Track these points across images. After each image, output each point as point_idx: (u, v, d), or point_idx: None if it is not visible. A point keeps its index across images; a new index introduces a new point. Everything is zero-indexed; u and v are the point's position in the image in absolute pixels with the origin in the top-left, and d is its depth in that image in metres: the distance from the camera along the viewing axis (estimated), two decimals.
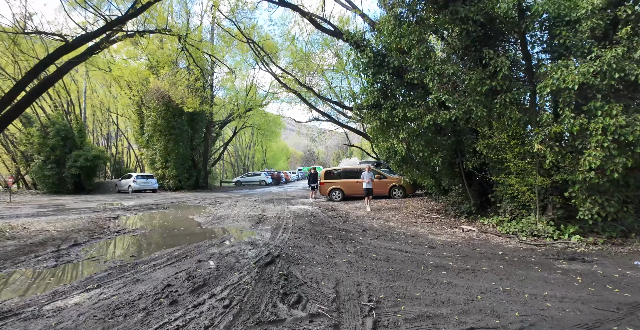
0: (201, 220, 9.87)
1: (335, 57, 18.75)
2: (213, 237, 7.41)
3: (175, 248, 6.37)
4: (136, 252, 6.26)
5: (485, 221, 8.49)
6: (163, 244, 6.89)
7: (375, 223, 8.83)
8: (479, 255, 5.54)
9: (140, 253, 6.18)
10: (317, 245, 6.28)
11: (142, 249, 6.62)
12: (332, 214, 10.60)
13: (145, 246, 6.85)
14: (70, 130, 23.66)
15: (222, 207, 13.05)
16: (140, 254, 6.13)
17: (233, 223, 9.26)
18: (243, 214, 10.82)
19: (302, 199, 16.09)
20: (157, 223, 9.65)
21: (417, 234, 7.29)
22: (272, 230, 7.91)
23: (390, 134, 9.61)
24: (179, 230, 8.34)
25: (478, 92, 7.15)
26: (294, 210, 11.77)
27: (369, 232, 7.44)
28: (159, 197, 18.65)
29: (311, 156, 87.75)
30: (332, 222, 9.01)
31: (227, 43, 22.21)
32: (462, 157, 9.47)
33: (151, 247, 6.68)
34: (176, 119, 23.20)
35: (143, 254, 6.11)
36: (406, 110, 8.63)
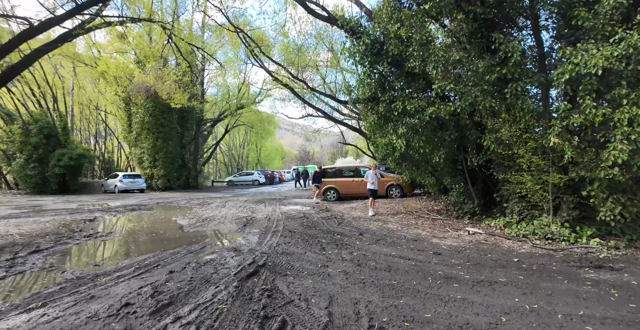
0: (184, 222, 9.10)
1: (330, 52, 18.07)
2: (193, 242, 6.66)
3: (148, 256, 5.62)
4: (102, 261, 5.50)
5: (492, 222, 7.85)
6: (135, 251, 6.13)
7: (373, 225, 8.14)
8: (492, 263, 4.86)
9: (107, 262, 5.42)
10: (308, 251, 5.56)
11: (110, 256, 5.86)
12: (327, 215, 9.90)
13: (115, 253, 6.08)
14: (54, 128, 22.66)
15: (209, 208, 12.28)
16: (106, 262, 5.37)
17: (218, 226, 8.51)
18: (231, 216, 10.07)
19: (296, 199, 15.36)
20: (135, 226, 8.87)
21: (419, 238, 6.60)
22: (260, 234, 7.19)
23: (389, 129, 8.93)
24: (157, 234, 7.58)
25: (486, 81, 6.50)
26: (286, 211, 11.04)
27: (366, 236, 6.74)
28: (146, 197, 17.81)
29: (306, 156, 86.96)
30: (326, 224, 8.31)
31: (217, 36, 21.43)
32: (465, 154, 8.83)
33: (121, 255, 5.91)
34: (165, 116, 22.33)
35: (109, 262, 5.35)
36: (406, 103, 7.96)
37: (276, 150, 75.04)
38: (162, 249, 6.13)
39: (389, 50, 7.80)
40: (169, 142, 23.08)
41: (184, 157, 24.97)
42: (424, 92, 8.30)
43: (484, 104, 6.49)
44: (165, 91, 15.62)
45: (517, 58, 6.06)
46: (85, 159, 23.04)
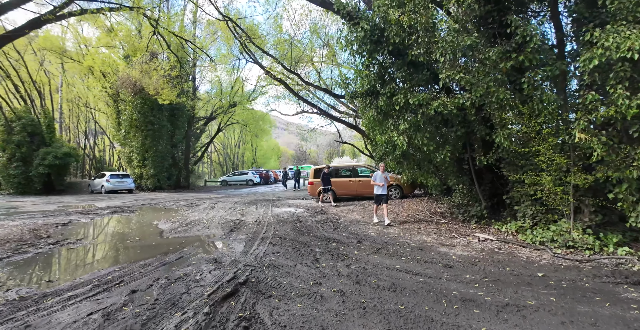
0: (166, 227, 8.32)
1: (325, 47, 17.31)
2: (170, 251, 5.89)
3: (113, 268, 4.85)
4: (58, 275, 4.72)
5: (502, 227, 7.16)
6: (101, 262, 5.36)
7: (372, 230, 7.41)
8: (514, 279, 4.15)
9: (63, 276, 4.64)
10: (299, 263, 4.82)
11: (70, 269, 5.08)
12: (322, 218, 9.16)
13: (76, 265, 5.30)
14: (38, 126, 21.74)
15: (197, 210, 11.49)
16: (62, 277, 4.59)
17: (203, 231, 7.74)
18: (218, 219, 9.30)
19: (290, 200, 14.61)
20: (111, 231, 8.09)
21: (424, 246, 5.88)
22: (246, 241, 6.43)
23: (389, 126, 8.20)
24: (132, 241, 6.80)
25: (499, 69, 5.78)
26: (278, 213, 10.29)
27: (365, 244, 6.01)
28: (133, 198, 16.96)
29: (303, 155, 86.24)
30: (320, 229, 7.57)
31: (209, 30, 20.60)
32: (472, 152, 8.13)
33: (83, 267, 5.14)
34: (154, 114, 21.44)
35: (66, 277, 4.57)
36: (408, 97, 7.23)
37: (272, 149, 74.20)
38: (133, 259, 5.37)
39: (389, 38, 7.07)
40: (159, 140, 22.20)
41: (175, 156, 24.12)
42: (428, 85, 7.59)
43: (497, 95, 5.78)
44: (152, 86, 14.78)
45: (536, 43, 5.36)
46: (71, 158, 22.14)
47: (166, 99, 16.01)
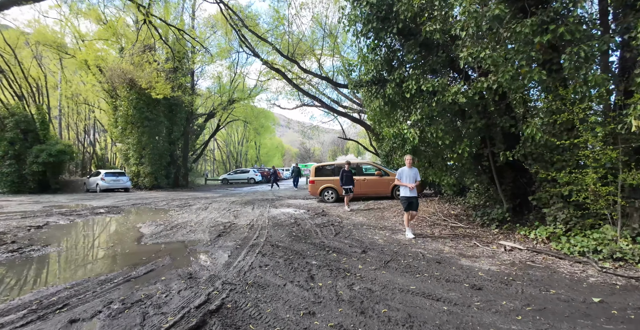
0: (148, 231, 7.47)
1: (327, 39, 16.31)
2: (141, 262, 5.01)
3: (64, 286, 3.98)
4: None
5: (529, 233, 6.19)
6: (54, 276, 4.50)
7: (379, 236, 6.47)
8: (564, 307, 3.20)
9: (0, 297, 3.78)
10: (290, 282, 3.91)
11: (14, 285, 4.21)
12: (322, 221, 8.24)
13: (25, 280, 4.43)
14: (32, 122, 21.06)
15: (188, 211, 10.64)
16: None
17: (187, 236, 6.87)
18: (208, 222, 8.43)
19: (289, 199, 13.71)
20: (86, 235, 7.25)
21: (443, 258, 4.93)
22: (233, 249, 5.54)
23: (398, 117, 7.28)
24: (104, 249, 5.95)
25: (533, 45, 4.81)
26: (275, 215, 9.40)
27: (371, 254, 5.08)
28: (126, 197, 16.18)
29: (306, 153, 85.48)
30: (320, 234, 6.65)
31: (207, 22, 19.71)
32: (492, 147, 7.16)
33: (30, 283, 4.27)
34: (150, 109, 20.63)
35: (1, 298, 3.71)
36: (421, 83, 6.28)
37: (276, 147, 73.51)
38: (94, 273, 4.50)
39: (399, 13, 6.11)
40: (156, 137, 21.43)
41: (173, 154, 23.33)
42: (443, 69, 6.63)
43: (530, 76, 4.81)
44: (144, 79, 13.93)
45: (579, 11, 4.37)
46: (66, 155, 21.40)
47: (160, 93, 15.20)
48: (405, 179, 6.43)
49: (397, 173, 6.56)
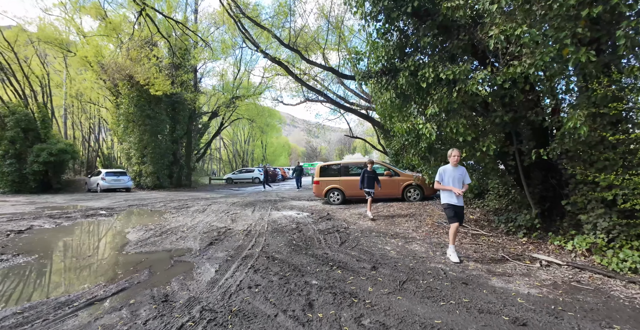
0: (135, 237, 6.80)
1: (332, 30, 15.50)
2: (114, 278, 4.32)
3: (13, 310, 3.31)
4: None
5: (565, 244, 5.35)
6: (8, 296, 3.81)
7: (391, 246, 5.68)
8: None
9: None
10: (283, 311, 3.15)
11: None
12: (326, 226, 7.48)
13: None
14: (33, 121, 20.69)
15: (185, 213, 9.98)
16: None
17: (175, 244, 6.17)
18: (202, 226, 7.74)
19: (293, 201, 12.98)
20: (67, 242, 6.60)
21: (469, 276, 4.13)
22: (222, 262, 4.82)
23: (411, 111, 6.48)
24: (79, 259, 5.29)
25: (579, 20, 3.97)
26: (276, 219, 8.67)
27: (383, 272, 4.29)
28: (124, 198, 15.63)
29: (313, 152, 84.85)
30: (323, 243, 5.89)
31: (211, 17, 19.04)
32: (519, 144, 6.30)
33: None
34: (152, 107, 20.09)
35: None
36: (439, 70, 5.47)
37: (283, 146, 73.05)
38: (55, 292, 3.82)
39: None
40: (158, 136, 20.90)
41: (176, 153, 22.79)
42: (464, 55, 5.80)
43: (576, 58, 3.97)
44: (141, 75, 13.31)
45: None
46: (67, 154, 20.99)
47: (159, 90, 14.57)
48: (450, 181, 4.88)
49: (438, 173, 5.02)
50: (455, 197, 4.83)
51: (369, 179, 8.59)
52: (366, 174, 8.61)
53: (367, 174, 8.60)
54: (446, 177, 4.99)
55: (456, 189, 4.79)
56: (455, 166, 4.98)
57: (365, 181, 8.58)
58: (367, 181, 8.58)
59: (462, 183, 4.99)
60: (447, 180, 4.96)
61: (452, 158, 4.94)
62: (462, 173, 5.01)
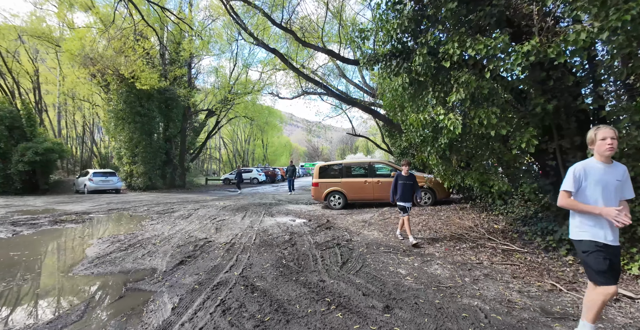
0: (94, 252, 5.66)
1: (338, 25, 14.31)
2: (34, 316, 3.17)
3: None
4: None
5: (630, 267, 4.18)
6: None
7: (405, 269, 4.49)
8: None
9: None
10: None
11: None
12: (325, 237, 6.31)
13: None
14: (18, 118, 19.61)
15: (166, 219, 8.84)
16: None
17: (139, 261, 5.03)
18: (180, 237, 6.59)
19: (290, 205, 11.82)
20: (11, 258, 5.46)
21: (521, 321, 2.95)
22: (186, 293, 3.66)
23: (428, 99, 5.30)
24: (11, 284, 4.14)
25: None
26: (267, 227, 7.52)
27: (400, 315, 3.11)
28: (107, 200, 14.51)
29: (314, 152, 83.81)
30: (320, 263, 4.72)
31: (208, 12, 17.85)
32: (560, 139, 5.12)
33: None
34: (142, 104, 18.98)
35: None
36: (468, 45, 4.31)
37: (284, 146, 72.07)
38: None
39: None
40: (150, 134, 19.79)
41: (169, 152, 21.66)
42: (497, 27, 4.62)
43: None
44: (124, 66, 12.18)
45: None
46: (54, 154, 19.89)
47: (146, 84, 13.43)
48: (597, 194, 2.52)
49: (572, 176, 2.56)
50: (609, 229, 2.47)
51: (405, 187, 5.97)
52: (400, 179, 6.04)
53: (403, 179, 6.02)
54: (591, 185, 2.54)
55: (610, 212, 2.40)
56: (609, 164, 2.53)
57: (399, 190, 6.01)
58: (402, 190, 5.97)
59: (621, 197, 2.56)
60: (593, 192, 2.53)
61: (605, 149, 2.47)
62: (621, 176, 2.53)
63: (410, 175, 6.04)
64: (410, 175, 6.03)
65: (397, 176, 6.14)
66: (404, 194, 5.96)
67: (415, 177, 6.09)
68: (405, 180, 6.00)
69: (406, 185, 5.98)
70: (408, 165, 6.08)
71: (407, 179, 6.01)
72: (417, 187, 6.07)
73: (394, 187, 6.12)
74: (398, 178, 6.09)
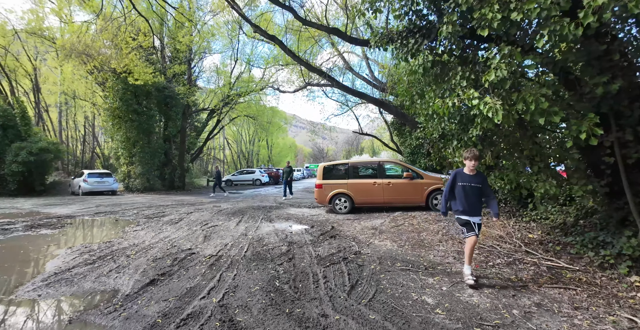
0: (57, 264, 4.79)
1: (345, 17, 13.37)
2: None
3: None
4: None
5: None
6: None
7: (432, 296, 3.49)
8: None
9: None
10: None
11: None
12: (329, 249, 5.35)
13: None
14: (12, 117, 18.97)
15: (153, 225, 7.96)
16: None
17: (104, 279, 4.12)
18: (160, 247, 5.68)
19: (292, 208, 10.89)
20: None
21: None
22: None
23: (457, 80, 4.31)
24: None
25: None
26: (263, 234, 6.58)
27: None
28: (100, 202, 13.69)
29: (320, 153, 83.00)
30: (322, 285, 3.76)
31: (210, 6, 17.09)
32: (621, 132, 4.11)
33: None
34: (139, 101, 18.22)
35: None
36: (512, 6, 3.35)
37: (289, 147, 71.42)
38: None
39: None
40: (147, 133, 19.01)
41: (168, 153, 20.87)
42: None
43: None
44: (119, 60, 11.37)
45: None
46: (50, 154, 19.20)
47: (139, 79, 12.61)
48: None
49: None
50: None
51: (470, 192, 3.91)
52: (461, 180, 3.96)
53: (466, 180, 3.94)
54: None
55: None
56: None
57: (460, 196, 3.95)
58: (465, 196, 3.92)
59: None
60: None
61: None
62: None
63: (479, 174, 4.00)
64: (478, 175, 3.97)
65: (455, 175, 4.03)
66: (470, 202, 3.88)
67: (486, 178, 4.11)
68: (469, 181, 3.90)
69: (472, 189, 3.89)
70: (476, 159, 3.87)
71: (473, 179, 3.90)
72: (489, 192, 4.02)
73: (449, 191, 4.06)
74: (457, 177, 3.99)
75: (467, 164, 3.91)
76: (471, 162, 3.87)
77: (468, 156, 3.88)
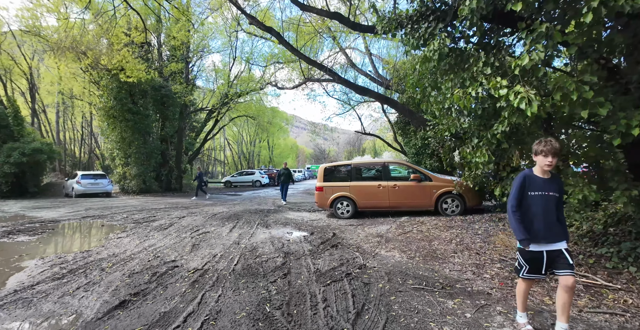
0: (20, 279, 4.22)
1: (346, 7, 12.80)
2: None
3: None
4: None
5: None
6: None
7: (454, 328, 2.89)
8: None
9: None
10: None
11: None
12: (331, 263, 4.75)
13: None
14: (5, 117, 18.48)
15: (140, 231, 7.37)
16: None
17: (68, 299, 3.53)
18: (141, 258, 5.09)
19: (291, 211, 10.30)
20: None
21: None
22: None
23: (479, 68, 3.71)
24: None
25: None
26: (258, 243, 5.98)
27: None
28: (90, 205, 13.13)
29: (321, 154, 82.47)
30: (321, 310, 3.16)
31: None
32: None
33: None
34: (135, 100, 17.69)
35: None
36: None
37: (290, 148, 70.96)
38: None
39: None
40: (143, 133, 18.45)
41: (165, 153, 20.31)
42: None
43: None
44: (110, 56, 10.81)
45: None
46: (43, 154, 18.67)
47: (132, 76, 12.04)
48: None
49: None
50: None
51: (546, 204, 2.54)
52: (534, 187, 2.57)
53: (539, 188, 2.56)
54: None
55: None
56: None
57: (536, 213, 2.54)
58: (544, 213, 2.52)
59: None
60: None
61: None
62: None
63: (555, 177, 2.63)
64: (554, 179, 2.62)
65: (524, 179, 2.60)
66: (548, 221, 2.53)
67: (562, 183, 2.81)
68: (544, 188, 2.55)
69: (549, 199, 2.54)
70: (555, 154, 2.47)
71: (548, 186, 2.56)
72: (562, 208, 2.68)
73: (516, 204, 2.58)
74: (527, 181, 2.59)
75: (540, 161, 2.53)
76: (547, 158, 2.48)
77: (543, 150, 2.49)
